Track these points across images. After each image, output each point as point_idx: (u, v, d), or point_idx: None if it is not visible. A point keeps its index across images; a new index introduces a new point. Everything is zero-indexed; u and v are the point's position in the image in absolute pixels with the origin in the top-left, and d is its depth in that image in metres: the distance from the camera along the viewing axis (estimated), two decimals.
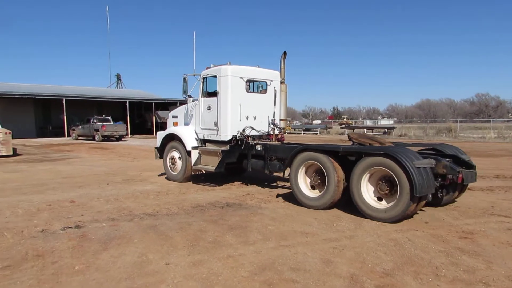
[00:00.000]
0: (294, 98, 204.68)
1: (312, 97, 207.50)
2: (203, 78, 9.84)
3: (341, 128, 50.81)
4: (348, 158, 6.97)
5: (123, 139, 31.32)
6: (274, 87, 10.03)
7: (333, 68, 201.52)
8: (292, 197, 7.75)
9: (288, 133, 40.48)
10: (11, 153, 17.82)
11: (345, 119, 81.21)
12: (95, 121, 30.39)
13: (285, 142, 9.91)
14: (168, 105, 40.24)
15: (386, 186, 6.37)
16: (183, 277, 4.09)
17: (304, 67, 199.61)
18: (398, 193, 6.05)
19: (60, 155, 19.10)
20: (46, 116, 38.96)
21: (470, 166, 6.98)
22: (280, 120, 10.30)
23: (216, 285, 3.92)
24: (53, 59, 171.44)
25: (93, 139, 30.15)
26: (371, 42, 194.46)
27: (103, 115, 32.59)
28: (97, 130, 29.71)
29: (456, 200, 7.69)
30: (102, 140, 29.43)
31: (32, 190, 9.27)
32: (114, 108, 40.22)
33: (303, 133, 43.89)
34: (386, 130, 38.71)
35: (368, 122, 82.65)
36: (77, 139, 31.79)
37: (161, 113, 39.03)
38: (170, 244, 5.16)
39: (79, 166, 14.17)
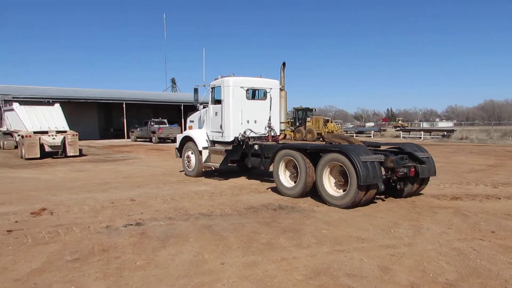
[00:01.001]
0: (345, 100, 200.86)
1: (364, 99, 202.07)
2: (212, 88, 11.19)
3: (396, 130, 48.91)
4: (320, 155, 8.03)
5: None
6: (270, 95, 11.14)
7: (387, 69, 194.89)
8: None
9: None
10: (77, 153, 19.13)
11: (400, 121, 78.07)
12: (152, 123, 31.74)
13: (280, 142, 10.97)
14: None
15: (342, 178, 7.52)
16: (238, 278, 4.14)
17: (356, 68, 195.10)
18: (349, 183, 7.17)
19: (121, 155, 20.17)
20: (108, 119, 41.41)
21: (422, 162, 8.01)
22: (280, 122, 11.58)
23: (271, 287, 3.94)
24: (114, 64, 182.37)
25: (150, 140, 31.52)
26: (428, 41, 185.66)
27: (160, 118, 33.98)
28: (154, 132, 31.03)
29: (421, 193, 8.71)
30: (159, 142, 30.66)
31: (97, 188, 9.88)
32: (169, 111, 41.75)
33: (356, 136, 42.78)
34: (445, 133, 36.69)
35: (425, 125, 79.00)
36: (135, 140, 33.39)
37: None
38: (224, 245, 5.25)
39: (137, 167, 14.88)
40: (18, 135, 19.56)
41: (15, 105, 20.71)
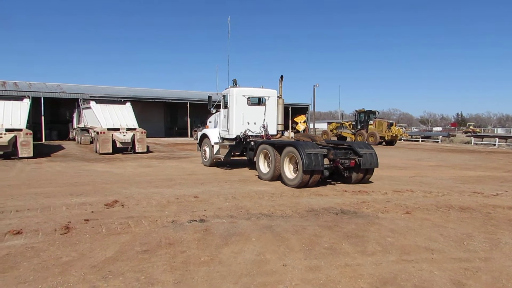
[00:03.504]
0: (411, 103, 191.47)
1: (432, 102, 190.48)
2: (223, 96, 13.90)
3: (466, 136, 45.62)
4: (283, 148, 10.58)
5: None
6: (265, 102, 13.53)
7: (457, 71, 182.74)
8: (414, 209, 7.42)
9: (404, 140, 38.11)
10: (145, 150, 20.23)
11: (471, 127, 72.91)
12: None
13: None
14: None
15: (296, 166, 9.95)
16: (301, 281, 4.10)
17: (423, 70, 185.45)
18: (298, 169, 9.70)
19: (184, 153, 20.96)
20: (173, 117, 43.37)
21: (360, 156, 10.24)
22: (278, 124, 13.82)
23: None
24: (181, 65, 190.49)
25: None
26: (502, 41, 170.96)
27: None
28: None
29: (370, 181, 10.92)
30: None
31: (163, 184, 10.36)
32: None
33: (421, 141, 40.54)
34: None
35: (500, 131, 72.97)
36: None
37: None
38: (286, 246, 5.24)
39: (200, 164, 15.35)
40: (94, 131, 21.12)
41: (92, 104, 22.36)
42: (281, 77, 14.06)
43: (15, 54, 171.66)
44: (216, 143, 14.07)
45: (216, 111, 14.56)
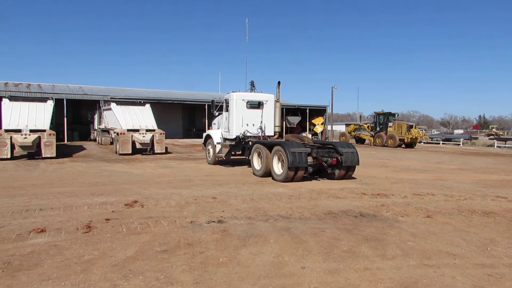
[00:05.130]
0: (431, 105, 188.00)
1: (452, 104, 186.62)
2: (225, 100, 14.99)
3: (489, 139, 44.41)
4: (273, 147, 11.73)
5: None
6: (263, 106, 14.60)
7: (479, 73, 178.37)
8: (435, 213, 7.32)
9: (424, 142, 37.43)
10: (164, 151, 20.46)
11: (494, 130, 71.07)
12: None
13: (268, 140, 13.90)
14: (298, 111, 41.00)
15: (283, 163, 11.02)
16: (320, 284, 4.08)
17: (444, 71, 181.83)
18: (284, 165, 10.85)
19: (202, 154, 21.03)
20: (191, 119, 43.74)
21: (341, 154, 11.24)
22: (275, 126, 14.93)
23: None
24: (199, 67, 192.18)
25: None
26: None
27: None
28: None
29: (353, 177, 12.09)
30: None
31: (181, 184, 10.45)
32: None
33: (442, 143, 39.69)
34: None
35: None
36: None
37: (291, 118, 39.92)
38: (304, 248, 5.21)
39: (217, 166, 15.42)
40: (114, 132, 21.48)
41: (113, 105, 22.73)
42: (279, 82, 15.51)
43: (38, 56, 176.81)
44: (218, 143, 15.15)
45: (219, 114, 15.63)
